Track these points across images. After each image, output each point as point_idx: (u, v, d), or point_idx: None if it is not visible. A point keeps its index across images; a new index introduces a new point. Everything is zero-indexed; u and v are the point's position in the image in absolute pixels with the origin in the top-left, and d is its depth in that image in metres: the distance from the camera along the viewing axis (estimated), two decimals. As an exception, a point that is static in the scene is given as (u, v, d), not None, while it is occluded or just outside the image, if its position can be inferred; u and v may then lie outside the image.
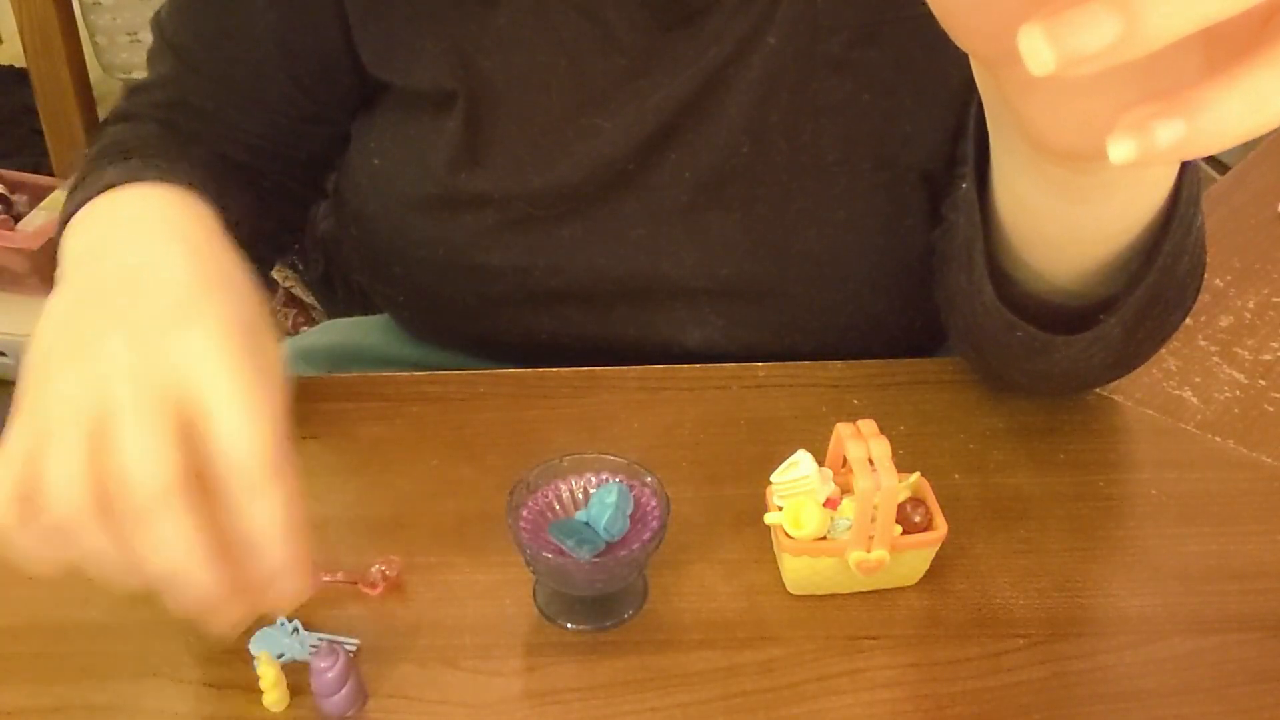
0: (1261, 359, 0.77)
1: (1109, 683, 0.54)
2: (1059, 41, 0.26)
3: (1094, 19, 0.26)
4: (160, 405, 0.43)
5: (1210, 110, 0.27)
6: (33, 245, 1.80)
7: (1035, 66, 0.27)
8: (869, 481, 0.53)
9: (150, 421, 0.43)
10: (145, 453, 0.42)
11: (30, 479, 0.43)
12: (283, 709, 0.53)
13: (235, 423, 0.43)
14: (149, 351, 0.45)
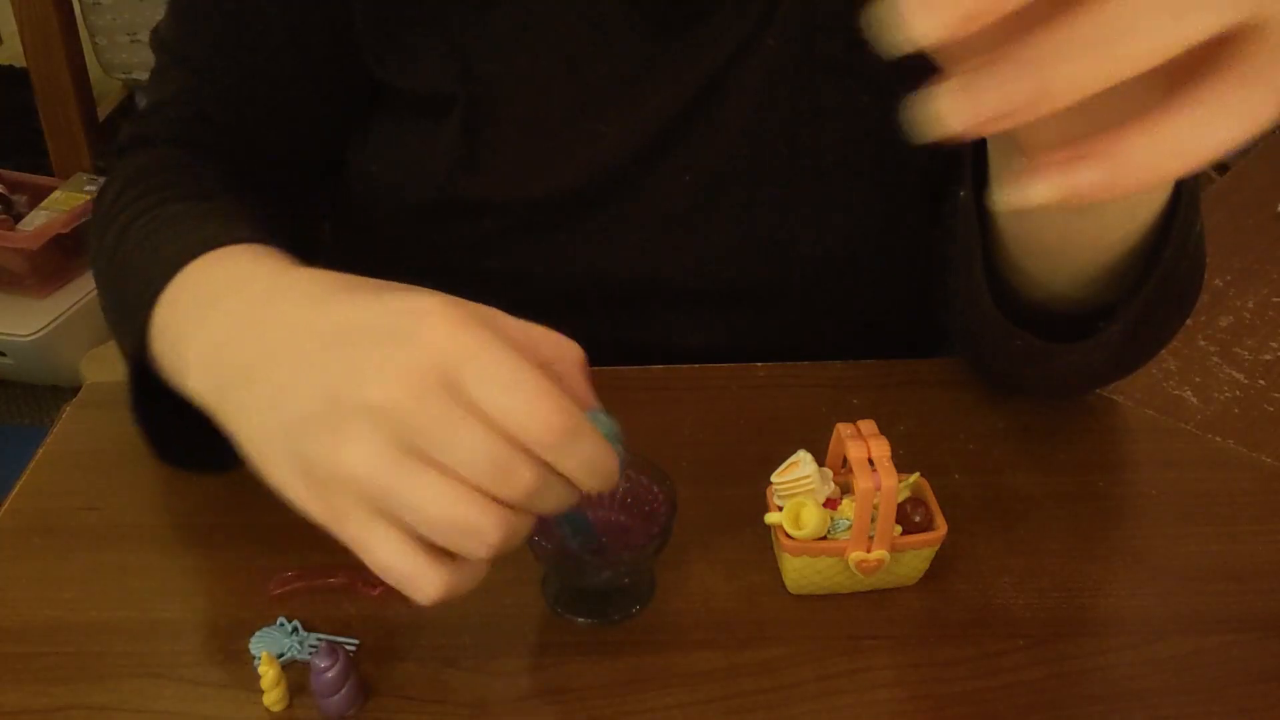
0: (1261, 359, 0.77)
1: (1109, 683, 0.54)
2: (974, 102, 0.27)
3: (1005, 79, 0.26)
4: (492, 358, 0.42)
5: (1126, 154, 0.27)
6: (33, 245, 1.80)
7: (953, 124, 0.27)
8: (869, 481, 0.53)
9: (509, 366, 0.41)
10: (524, 396, 0.41)
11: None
12: (283, 709, 0.52)
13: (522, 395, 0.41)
14: (400, 331, 0.42)
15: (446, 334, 0.41)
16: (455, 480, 0.41)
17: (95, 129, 1.96)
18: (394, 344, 0.41)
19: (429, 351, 0.41)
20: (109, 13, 1.94)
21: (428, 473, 0.41)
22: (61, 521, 0.62)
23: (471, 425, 0.40)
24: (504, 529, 0.42)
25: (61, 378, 1.86)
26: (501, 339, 0.41)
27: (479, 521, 0.41)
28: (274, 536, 0.61)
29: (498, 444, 0.40)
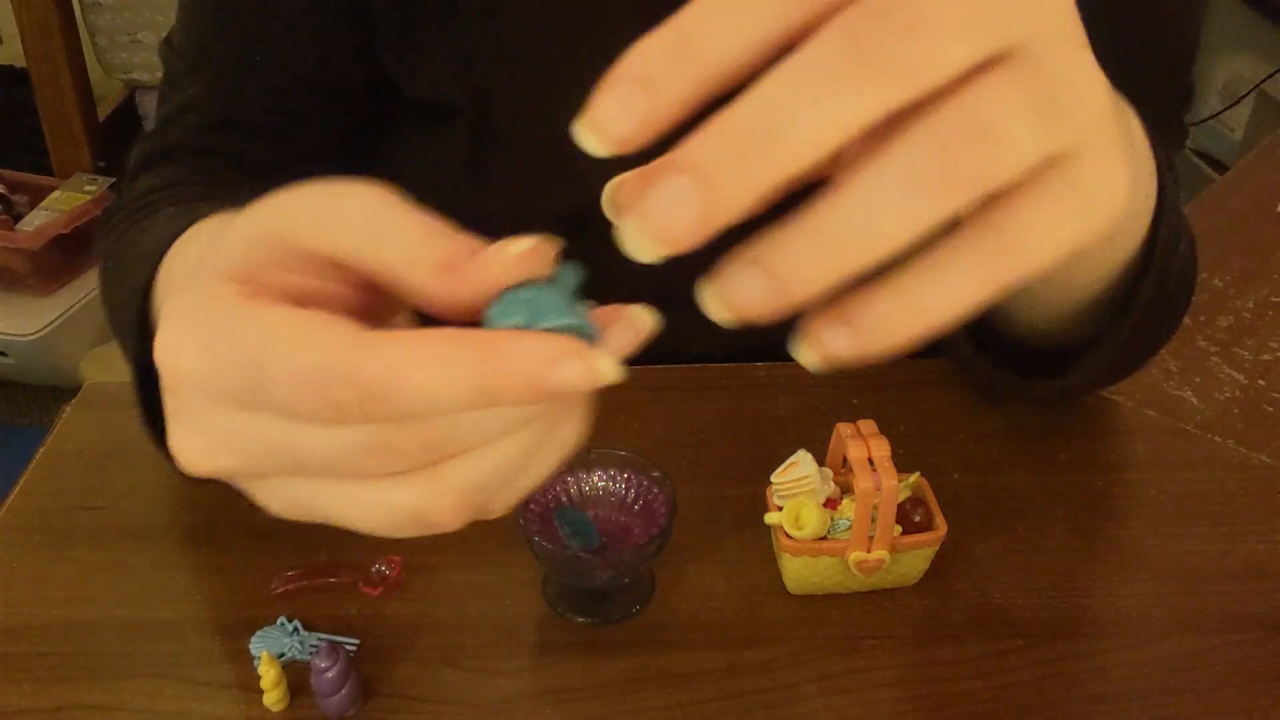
0: (1261, 359, 0.77)
1: (1109, 683, 0.54)
2: (652, 227, 0.25)
3: (673, 195, 0.25)
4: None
5: (867, 318, 0.27)
6: (33, 245, 1.80)
7: (643, 256, 0.26)
8: (869, 481, 0.53)
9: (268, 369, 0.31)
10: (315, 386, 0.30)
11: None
12: (283, 709, 0.53)
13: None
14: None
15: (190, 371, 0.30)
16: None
17: (95, 129, 1.96)
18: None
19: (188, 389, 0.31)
20: (109, 13, 1.94)
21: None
22: (61, 521, 0.62)
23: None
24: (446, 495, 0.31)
25: (61, 378, 1.86)
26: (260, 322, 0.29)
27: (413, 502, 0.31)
28: (274, 536, 0.61)
29: (345, 436, 0.29)
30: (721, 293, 0.26)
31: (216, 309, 0.29)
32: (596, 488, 0.58)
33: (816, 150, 0.24)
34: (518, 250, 0.29)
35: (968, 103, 0.24)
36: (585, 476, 0.58)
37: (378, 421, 0.28)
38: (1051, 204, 0.26)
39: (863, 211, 0.25)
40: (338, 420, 0.28)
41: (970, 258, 0.26)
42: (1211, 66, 1.99)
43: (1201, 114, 1.94)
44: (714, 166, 0.25)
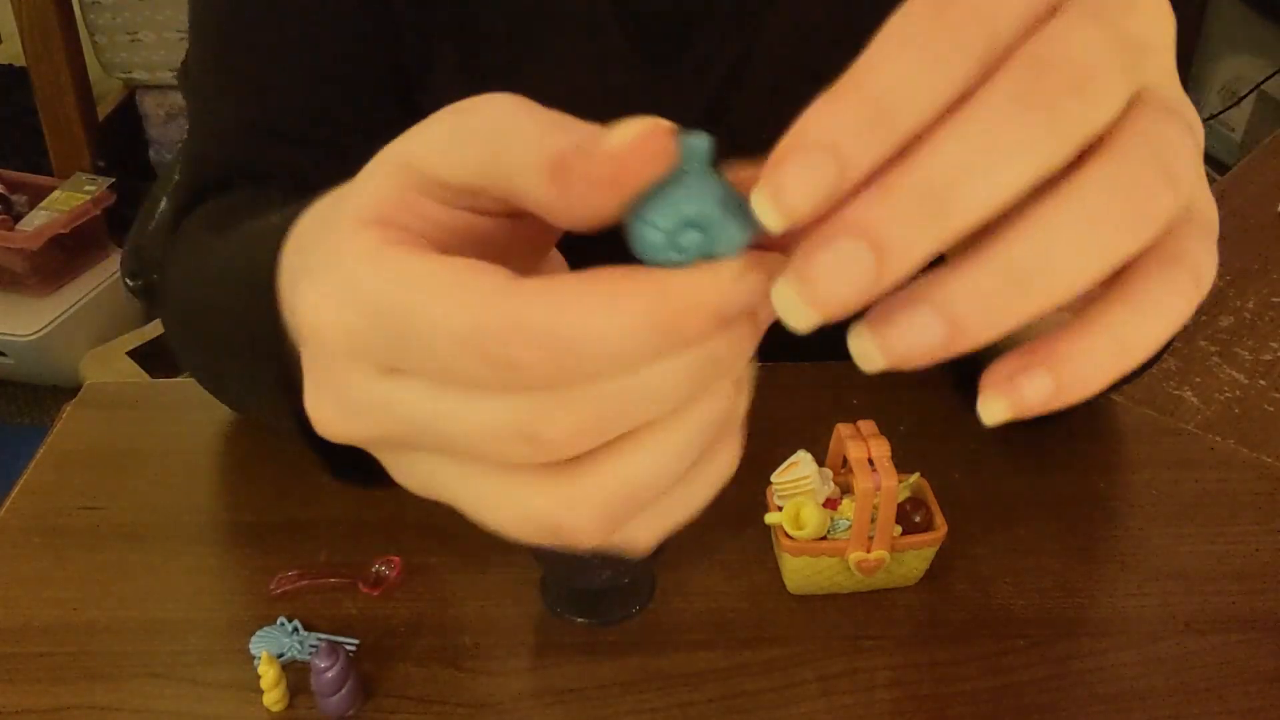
0: (1261, 359, 0.77)
1: (1109, 683, 0.54)
2: (815, 295, 0.24)
3: (842, 260, 0.23)
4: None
5: (1075, 361, 0.25)
6: (32, 245, 1.80)
7: (800, 324, 0.24)
8: (869, 481, 0.53)
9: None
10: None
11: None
12: (283, 709, 0.53)
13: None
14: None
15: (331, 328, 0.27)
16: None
17: (95, 129, 1.96)
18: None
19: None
20: (109, 13, 1.94)
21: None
22: (61, 521, 0.62)
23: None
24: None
25: (61, 378, 1.86)
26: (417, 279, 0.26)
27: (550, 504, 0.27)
28: (274, 536, 0.61)
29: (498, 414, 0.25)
30: (885, 338, 0.24)
31: (356, 260, 0.26)
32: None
33: (989, 211, 0.23)
34: (630, 139, 0.24)
35: (1140, 140, 0.24)
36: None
37: (536, 388, 0.25)
38: (1194, 228, 0.26)
39: (1053, 250, 0.24)
40: (493, 384, 0.25)
41: (1165, 287, 0.26)
42: (1211, 66, 1.99)
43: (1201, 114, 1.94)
44: (888, 230, 0.23)
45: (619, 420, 0.26)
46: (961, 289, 0.24)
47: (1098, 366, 0.25)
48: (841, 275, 0.23)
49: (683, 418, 0.27)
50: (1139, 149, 0.24)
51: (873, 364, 0.25)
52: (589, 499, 0.26)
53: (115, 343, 1.81)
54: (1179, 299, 0.26)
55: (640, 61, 0.66)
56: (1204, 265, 0.26)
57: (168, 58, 1.99)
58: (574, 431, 0.25)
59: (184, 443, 0.68)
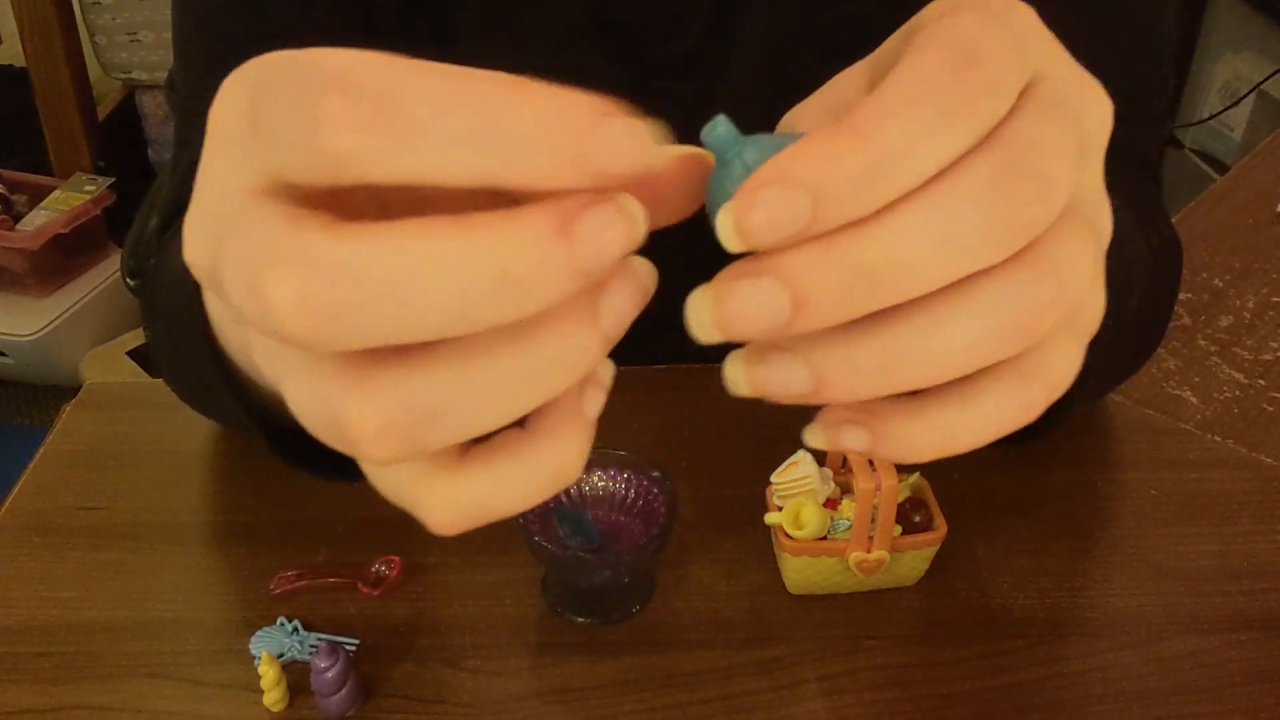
0: (1261, 359, 0.77)
1: (1109, 683, 0.54)
2: (724, 318, 0.24)
3: (759, 298, 0.23)
4: None
5: (894, 436, 0.27)
6: (32, 245, 1.80)
7: (700, 336, 0.24)
8: (869, 481, 0.53)
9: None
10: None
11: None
12: (283, 709, 0.53)
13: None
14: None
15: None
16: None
17: (95, 129, 1.96)
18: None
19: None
20: (109, 13, 1.94)
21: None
22: (61, 521, 0.62)
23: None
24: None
25: (61, 378, 1.86)
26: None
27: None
28: (274, 536, 0.61)
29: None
30: (751, 370, 0.25)
31: (267, 60, 0.26)
32: (596, 487, 0.58)
33: (912, 296, 0.24)
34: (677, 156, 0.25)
35: (1050, 264, 0.24)
36: (585, 476, 0.58)
37: (350, 167, 0.21)
38: (1066, 336, 0.27)
39: (934, 343, 0.24)
40: (310, 152, 0.22)
41: (1010, 399, 0.26)
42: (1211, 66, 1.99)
43: (1201, 114, 1.94)
44: (817, 294, 0.23)
45: (398, 297, 0.21)
46: (835, 352, 0.24)
47: (915, 446, 0.26)
48: (754, 311, 0.23)
49: (496, 347, 0.23)
50: (1041, 274, 0.24)
51: (735, 386, 0.25)
52: (372, 395, 0.23)
53: (115, 343, 1.81)
54: (1019, 410, 0.26)
55: (617, 71, 0.66)
56: (1062, 375, 0.27)
57: (168, 58, 1.98)
58: (302, 292, 0.21)
59: (184, 443, 0.68)
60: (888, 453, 0.27)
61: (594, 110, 0.22)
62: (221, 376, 0.46)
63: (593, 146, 0.22)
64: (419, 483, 0.27)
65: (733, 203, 0.23)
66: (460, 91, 0.22)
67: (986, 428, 0.26)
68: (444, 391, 0.23)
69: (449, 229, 0.22)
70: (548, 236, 0.22)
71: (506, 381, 0.23)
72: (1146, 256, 0.59)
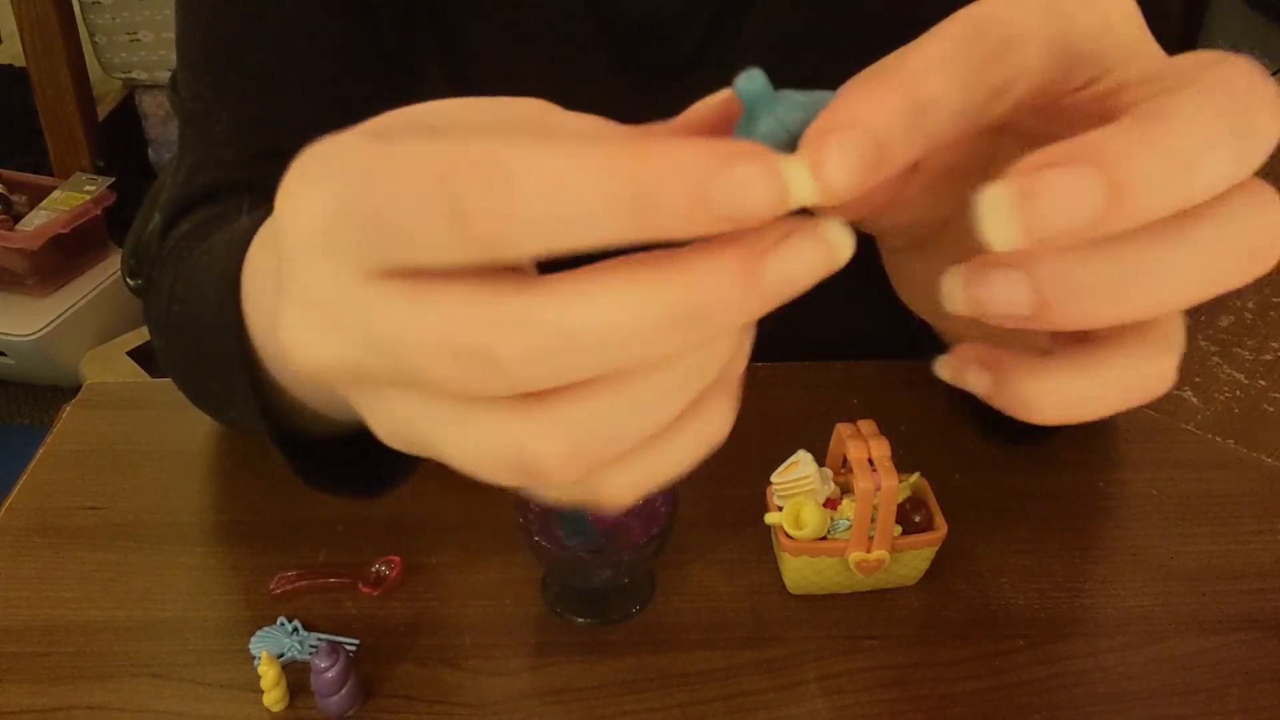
0: (1262, 359, 0.77)
1: (1109, 683, 0.54)
2: (1032, 214, 0.22)
3: (1076, 187, 0.22)
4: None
5: (1017, 388, 0.27)
6: (32, 245, 1.80)
7: (998, 241, 0.23)
8: (869, 481, 0.53)
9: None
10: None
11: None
12: (283, 709, 0.53)
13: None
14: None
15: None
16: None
17: (95, 129, 1.96)
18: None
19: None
20: (109, 13, 1.94)
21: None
22: (61, 521, 0.62)
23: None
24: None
25: (61, 378, 1.86)
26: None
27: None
28: (274, 536, 0.61)
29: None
30: (970, 289, 0.25)
31: (347, 155, 0.25)
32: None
33: (1209, 194, 0.24)
34: (709, 106, 0.25)
35: (1272, 193, 0.25)
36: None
37: (494, 249, 0.23)
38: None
39: (1170, 264, 0.24)
40: (454, 238, 0.23)
41: (1135, 356, 0.27)
42: (1211, 66, 1.98)
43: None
44: (1131, 171, 0.22)
45: (586, 349, 0.23)
46: (1065, 273, 0.24)
47: (1033, 404, 0.26)
48: (1067, 201, 0.22)
49: (665, 364, 0.25)
50: (1266, 206, 0.25)
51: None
52: (557, 430, 0.24)
53: (115, 343, 1.81)
54: (1151, 380, 0.27)
55: (620, 72, 0.66)
56: (1182, 345, 0.28)
57: (168, 58, 1.99)
58: (532, 353, 0.23)
59: (184, 443, 0.68)
60: (1006, 404, 0.27)
61: (719, 156, 0.22)
62: (253, 398, 0.45)
63: (717, 197, 0.22)
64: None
65: (812, 154, 0.23)
66: (585, 159, 0.22)
67: (1108, 395, 0.26)
68: (621, 412, 0.25)
69: (646, 274, 0.23)
70: (736, 274, 0.23)
71: (669, 390, 0.25)
72: None
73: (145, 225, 0.71)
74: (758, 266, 0.23)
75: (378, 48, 0.66)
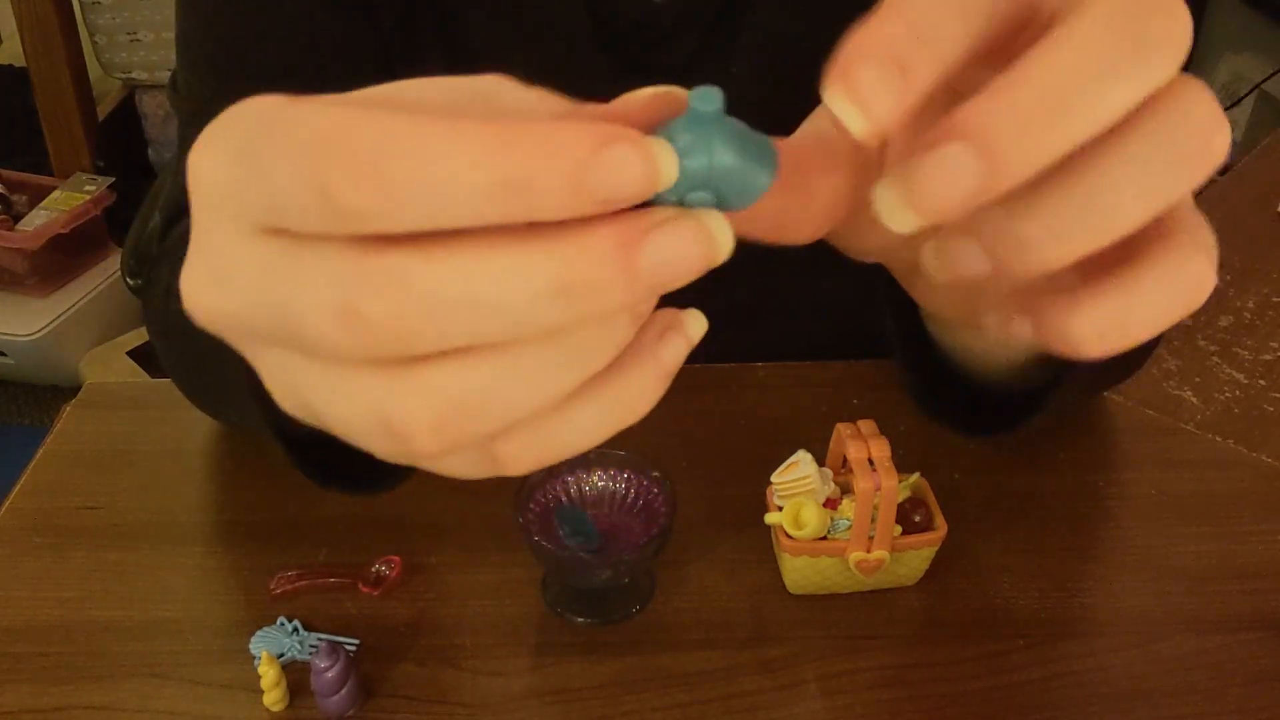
0: (1261, 359, 0.77)
1: (1109, 683, 0.54)
2: (917, 196, 0.24)
3: (950, 164, 0.23)
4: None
5: (1056, 326, 0.27)
6: (32, 245, 1.80)
7: (896, 226, 0.24)
8: (869, 481, 0.53)
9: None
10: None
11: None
12: (283, 709, 0.53)
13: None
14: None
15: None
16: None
17: (95, 129, 1.96)
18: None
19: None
20: (109, 13, 1.94)
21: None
22: (61, 521, 0.62)
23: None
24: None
25: (61, 378, 1.86)
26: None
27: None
28: (274, 536, 0.61)
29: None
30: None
31: (254, 113, 0.25)
32: (596, 488, 0.58)
33: (1096, 128, 0.24)
34: (644, 96, 0.25)
35: (1198, 90, 0.25)
36: (585, 476, 0.58)
37: (360, 223, 0.22)
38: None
39: (1100, 194, 0.25)
40: (322, 221, 0.23)
41: (1168, 263, 0.26)
42: (1211, 66, 1.99)
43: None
44: (997, 136, 0.23)
45: (456, 314, 0.23)
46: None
47: (1076, 337, 0.26)
48: (945, 178, 0.23)
49: (545, 339, 0.24)
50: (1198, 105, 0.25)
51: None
52: (422, 396, 0.24)
53: (115, 343, 1.81)
54: (1188, 287, 0.26)
55: (618, 73, 0.66)
56: (1212, 244, 0.27)
57: (168, 58, 1.98)
58: (402, 313, 0.23)
59: (184, 443, 0.68)
60: (1054, 344, 0.27)
61: (593, 139, 0.22)
62: (253, 393, 0.46)
63: (591, 177, 0.22)
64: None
65: (844, 84, 0.24)
66: (461, 141, 0.22)
67: (1145, 313, 0.26)
68: (490, 383, 0.24)
69: (522, 245, 0.23)
70: (611, 254, 0.23)
71: (547, 369, 0.24)
72: None
73: (145, 225, 0.71)
74: (635, 249, 0.23)
75: (378, 48, 0.66)
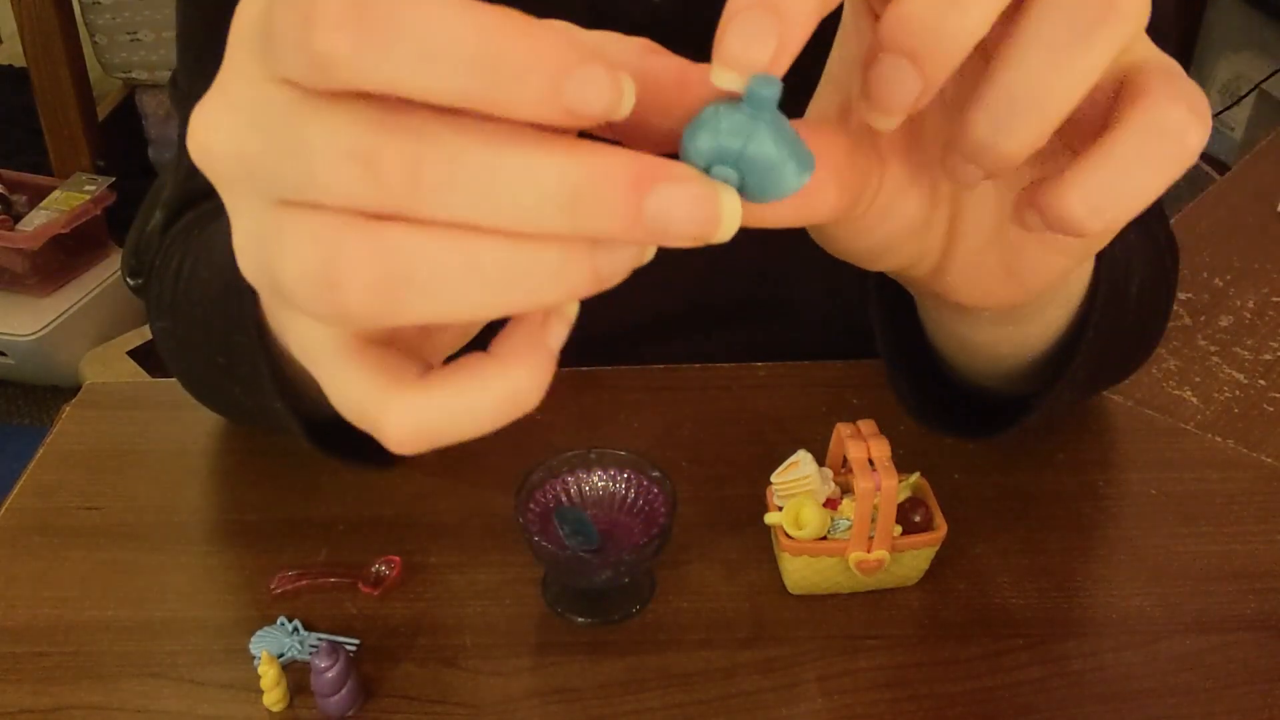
0: (1261, 359, 0.77)
1: (1109, 683, 0.54)
2: (880, 100, 0.28)
3: (891, 75, 0.28)
4: None
5: (1052, 206, 0.28)
6: (32, 245, 1.80)
7: (878, 126, 0.29)
8: (869, 481, 0.53)
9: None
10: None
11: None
12: (282, 709, 0.53)
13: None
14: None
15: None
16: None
17: (95, 129, 1.96)
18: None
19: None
20: (109, 13, 1.94)
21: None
22: (61, 521, 0.62)
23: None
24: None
25: (61, 378, 1.86)
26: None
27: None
28: (274, 536, 0.61)
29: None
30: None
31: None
32: (596, 488, 0.58)
33: (993, 9, 0.27)
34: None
35: None
36: (585, 476, 0.58)
37: (332, 68, 0.22)
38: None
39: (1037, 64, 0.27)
40: (298, 56, 0.23)
41: (1141, 125, 0.28)
42: (1211, 66, 1.99)
43: (1201, 114, 1.94)
44: (911, 36, 0.27)
45: (465, 180, 0.23)
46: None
47: (1072, 215, 0.28)
48: (893, 84, 0.28)
49: (519, 243, 0.24)
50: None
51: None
52: (375, 250, 0.24)
53: (115, 343, 1.81)
54: (1172, 147, 0.27)
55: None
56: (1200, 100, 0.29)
57: (168, 58, 1.99)
58: (418, 166, 0.23)
59: (184, 443, 0.68)
60: (1056, 227, 0.29)
61: (580, 53, 0.23)
62: (267, 366, 0.47)
63: (569, 87, 0.22)
64: (379, 400, 0.27)
65: (719, 54, 0.25)
66: (451, 10, 0.22)
67: (1133, 177, 0.28)
68: (444, 262, 0.24)
69: (552, 142, 0.23)
70: (625, 182, 0.23)
71: (495, 268, 0.24)
72: (1147, 245, 0.59)
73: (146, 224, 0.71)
74: (647, 187, 0.23)
75: None
